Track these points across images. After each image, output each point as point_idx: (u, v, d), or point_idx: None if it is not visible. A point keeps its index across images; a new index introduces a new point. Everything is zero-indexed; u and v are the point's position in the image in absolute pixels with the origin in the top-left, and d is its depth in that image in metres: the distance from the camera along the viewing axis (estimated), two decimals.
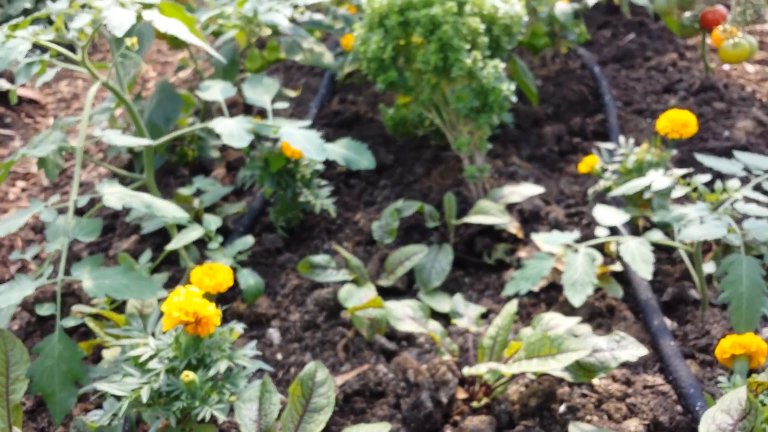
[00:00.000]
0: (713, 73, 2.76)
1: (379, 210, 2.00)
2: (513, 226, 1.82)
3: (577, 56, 2.95)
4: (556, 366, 1.20)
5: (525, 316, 1.66)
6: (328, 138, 2.41)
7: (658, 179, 1.56)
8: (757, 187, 1.63)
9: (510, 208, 1.92)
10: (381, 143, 2.33)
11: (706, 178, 1.56)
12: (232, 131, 1.50)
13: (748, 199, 1.58)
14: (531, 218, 1.93)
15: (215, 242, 1.62)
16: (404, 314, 1.35)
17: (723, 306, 1.60)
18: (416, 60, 1.87)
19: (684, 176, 1.85)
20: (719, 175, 1.91)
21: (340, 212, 2.00)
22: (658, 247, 1.75)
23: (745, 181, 1.74)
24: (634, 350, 1.25)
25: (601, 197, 1.98)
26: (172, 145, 2.20)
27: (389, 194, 2.09)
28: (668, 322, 1.58)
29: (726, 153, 2.20)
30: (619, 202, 1.90)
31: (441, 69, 1.83)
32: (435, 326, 1.38)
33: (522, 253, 1.80)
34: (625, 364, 1.43)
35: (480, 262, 1.81)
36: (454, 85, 1.88)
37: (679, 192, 1.52)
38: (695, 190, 1.53)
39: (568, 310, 1.61)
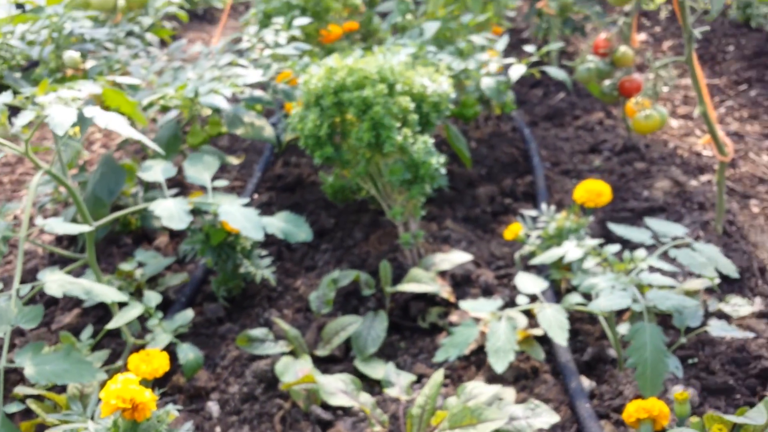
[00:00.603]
0: (636, 134, 2.95)
1: (320, 275, 2.09)
2: (445, 291, 1.92)
3: (509, 118, 3.12)
4: None
5: (456, 379, 1.75)
6: (271, 202, 2.50)
7: (571, 250, 1.69)
8: (664, 255, 1.77)
9: (443, 273, 2.02)
10: (323, 207, 2.43)
11: (616, 248, 1.70)
12: (172, 213, 1.58)
13: (652, 269, 1.73)
14: (463, 282, 2.04)
15: (155, 318, 1.68)
16: (336, 388, 1.43)
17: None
18: (351, 136, 1.98)
19: (600, 245, 1.99)
20: (629, 244, 2.05)
21: (281, 279, 2.08)
22: None
23: (652, 248, 1.89)
24: (548, 418, 1.35)
25: (527, 260, 2.11)
26: None
27: (330, 258, 2.18)
28: (587, 382, 1.69)
29: (645, 213, 2.36)
30: (544, 265, 2.03)
31: (374, 145, 1.94)
32: (366, 399, 1.46)
33: (454, 317, 1.90)
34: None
35: (415, 326, 1.90)
36: (387, 159, 1.99)
37: (590, 262, 1.65)
38: (606, 260, 1.67)
39: (494, 373, 1.71)
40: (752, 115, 3.46)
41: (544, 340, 1.82)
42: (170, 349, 1.77)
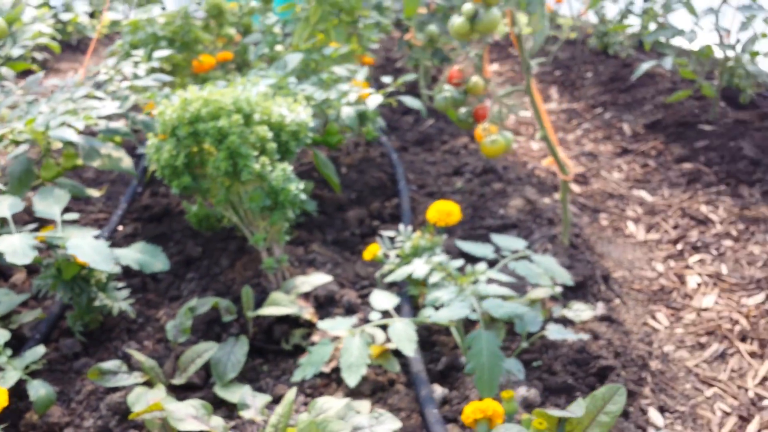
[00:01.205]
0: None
1: (184, 305, 2.09)
2: (307, 312, 1.98)
3: (379, 144, 3.24)
4: None
5: (318, 397, 1.79)
6: (136, 233, 2.47)
7: (418, 267, 1.79)
8: (505, 267, 1.91)
9: (307, 295, 2.08)
10: (189, 236, 2.43)
11: (460, 263, 1.82)
12: (16, 249, 1.55)
13: (493, 281, 1.85)
14: (326, 303, 2.10)
15: (4, 356, 1.63)
16: (186, 414, 1.45)
17: None
18: (209, 165, 2.01)
19: (446, 260, 2.11)
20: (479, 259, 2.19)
21: (142, 310, 2.07)
22: None
23: (494, 262, 2.02)
24: (391, 425, 1.42)
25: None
26: None
27: (195, 287, 2.18)
28: (440, 389, 1.78)
29: (499, 230, 2.52)
30: (405, 283, 2.13)
31: (232, 173, 1.98)
32: (217, 422, 1.48)
33: (316, 337, 1.95)
34: None
35: (279, 348, 1.94)
36: (246, 186, 2.04)
37: (435, 277, 1.76)
38: (450, 274, 1.78)
39: (354, 388, 1.78)
40: (606, 136, 3.76)
41: (402, 353, 1.90)
42: (22, 387, 1.72)
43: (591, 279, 2.27)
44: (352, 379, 1.62)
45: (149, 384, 1.67)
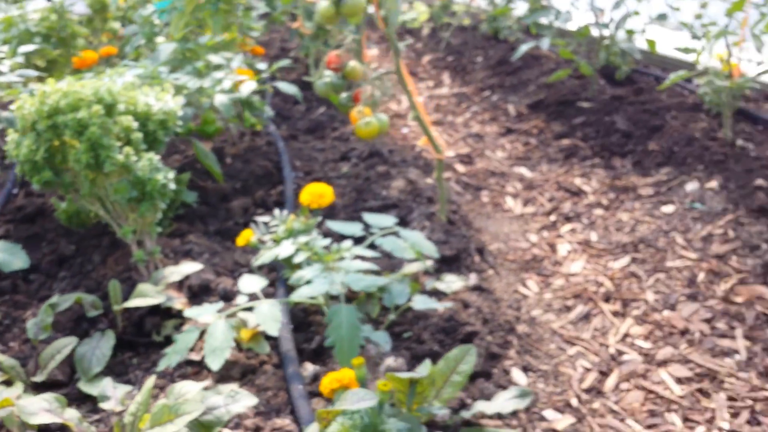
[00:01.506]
0: (376, 140, 3.20)
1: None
2: (179, 302, 1.97)
3: (267, 133, 3.25)
4: (173, 429, 1.35)
5: None
6: (8, 235, 2.40)
7: (284, 248, 1.82)
8: (371, 245, 1.96)
9: (180, 285, 2.07)
10: (63, 234, 2.38)
11: (326, 242, 1.86)
12: None
13: (360, 257, 1.90)
14: (201, 292, 2.09)
15: None
16: (39, 408, 1.43)
17: None
18: (70, 159, 1.97)
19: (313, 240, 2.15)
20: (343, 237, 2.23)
21: (9, 311, 2.01)
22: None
23: (362, 240, 2.06)
24: (247, 401, 1.45)
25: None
26: None
27: (67, 286, 2.14)
28: (312, 367, 1.82)
29: (381, 210, 2.58)
30: (282, 266, 2.15)
31: (94, 166, 1.95)
32: (71, 414, 1.47)
33: (188, 327, 1.95)
34: (260, 412, 1.64)
35: (150, 341, 1.93)
36: (111, 178, 2.01)
37: (301, 257, 1.79)
38: (316, 253, 1.81)
39: (224, 372, 1.79)
40: (492, 118, 3.88)
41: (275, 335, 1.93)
42: None
43: (465, 252, 2.36)
44: (215, 363, 1.63)
45: (8, 383, 1.64)
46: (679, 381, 1.91)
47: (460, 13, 5.49)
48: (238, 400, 1.45)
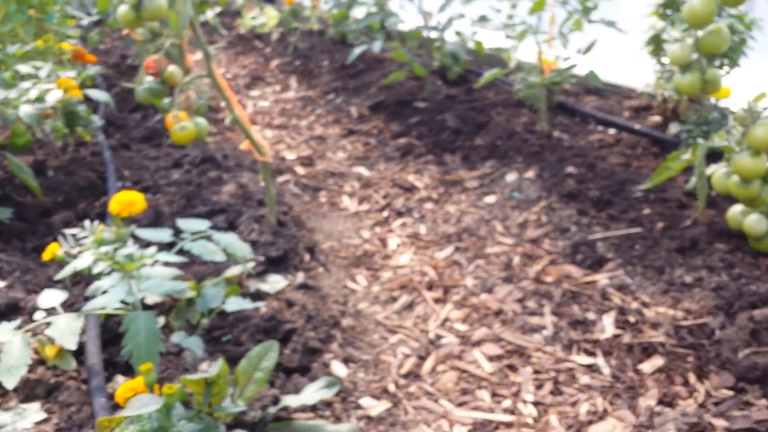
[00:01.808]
0: (215, 145, 3.18)
1: None
2: None
3: (94, 144, 3.13)
4: None
5: None
6: None
7: (83, 259, 1.77)
8: (180, 251, 1.94)
9: None
10: None
11: (130, 250, 1.82)
12: None
13: (168, 263, 1.88)
14: (9, 311, 1.99)
15: None
16: None
17: (179, 353, 1.87)
18: None
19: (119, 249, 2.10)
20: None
21: None
22: None
23: (172, 245, 2.04)
24: (34, 417, 1.40)
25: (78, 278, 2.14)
26: None
27: None
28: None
29: (209, 215, 2.55)
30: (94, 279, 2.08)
31: None
32: None
33: None
34: (60, 429, 1.57)
35: None
36: None
37: (99, 267, 1.74)
38: (117, 262, 1.77)
39: (28, 392, 1.71)
40: (335, 120, 3.95)
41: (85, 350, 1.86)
42: None
43: (293, 252, 2.39)
44: (10, 382, 1.56)
45: None
46: (491, 359, 2.03)
47: (311, 17, 5.54)
48: (26, 416, 1.39)
